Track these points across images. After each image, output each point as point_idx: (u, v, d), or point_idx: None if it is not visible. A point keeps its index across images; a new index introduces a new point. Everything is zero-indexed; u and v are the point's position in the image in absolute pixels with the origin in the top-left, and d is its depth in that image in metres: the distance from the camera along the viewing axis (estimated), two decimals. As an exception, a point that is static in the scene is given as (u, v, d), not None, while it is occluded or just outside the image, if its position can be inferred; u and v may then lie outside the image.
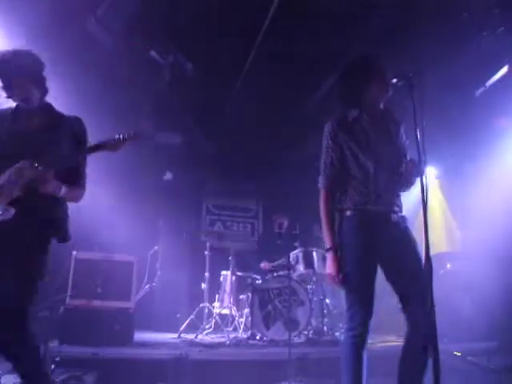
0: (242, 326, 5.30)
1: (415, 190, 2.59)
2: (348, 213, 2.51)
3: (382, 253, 2.45)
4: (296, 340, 4.80)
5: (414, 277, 2.36)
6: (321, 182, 2.61)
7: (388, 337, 5.01)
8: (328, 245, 2.51)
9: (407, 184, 2.55)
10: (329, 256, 2.49)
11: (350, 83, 2.64)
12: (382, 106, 2.63)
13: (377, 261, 2.46)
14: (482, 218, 5.49)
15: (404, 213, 2.59)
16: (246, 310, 5.30)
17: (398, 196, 2.58)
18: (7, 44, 4.59)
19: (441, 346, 2.10)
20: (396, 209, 2.52)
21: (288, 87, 5.82)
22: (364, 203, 2.49)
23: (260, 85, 5.79)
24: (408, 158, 2.59)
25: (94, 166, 5.96)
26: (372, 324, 2.40)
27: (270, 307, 5.04)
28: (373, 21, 4.68)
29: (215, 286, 5.97)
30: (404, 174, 2.48)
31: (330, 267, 2.47)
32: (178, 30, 5.08)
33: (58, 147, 2.42)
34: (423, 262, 2.24)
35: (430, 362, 2.22)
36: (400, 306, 2.43)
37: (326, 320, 5.37)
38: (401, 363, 2.39)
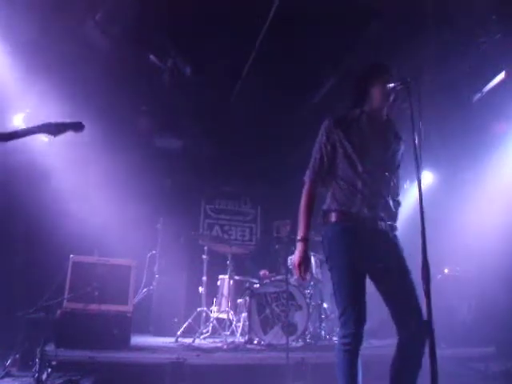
0: (239, 331, 5.29)
1: (412, 195, 2.61)
2: (333, 218, 2.50)
3: (369, 262, 2.42)
4: (294, 344, 4.79)
5: (401, 290, 2.35)
6: (307, 174, 2.64)
7: (383, 341, 5.00)
8: (300, 236, 2.53)
9: None
10: (298, 246, 2.52)
11: (356, 86, 2.68)
12: (385, 114, 2.62)
13: (365, 268, 2.43)
14: (479, 223, 5.50)
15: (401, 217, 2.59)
16: (244, 315, 5.29)
17: (389, 203, 2.52)
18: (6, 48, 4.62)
19: (438, 351, 2.10)
20: (383, 216, 2.47)
21: (288, 90, 5.84)
22: (349, 205, 2.47)
23: (259, 88, 5.81)
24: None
25: (94, 170, 5.97)
26: (367, 328, 2.39)
27: (267, 311, 5.03)
28: (372, 25, 4.71)
29: (213, 290, 5.95)
30: None
31: (296, 257, 2.51)
32: (177, 34, 5.10)
33: None
34: (410, 274, 2.28)
35: (427, 367, 2.23)
36: (391, 317, 2.41)
37: (323, 324, 5.38)
38: (392, 372, 2.37)
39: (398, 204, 2.59)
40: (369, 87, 2.58)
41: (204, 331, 5.45)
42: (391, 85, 2.44)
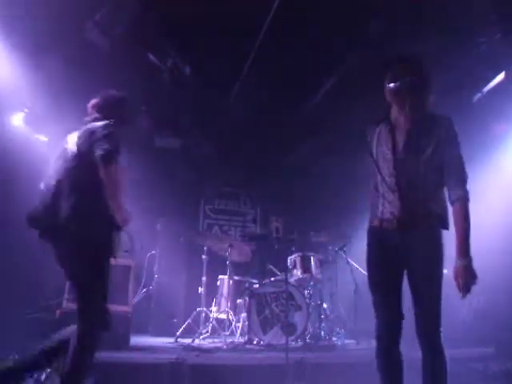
0: (239, 331, 5.29)
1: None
2: (369, 221, 2.58)
3: (398, 262, 2.44)
4: (293, 345, 4.78)
5: (419, 292, 2.36)
6: None
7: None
8: None
9: None
10: None
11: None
12: (410, 115, 2.50)
13: (395, 268, 2.45)
14: (480, 223, 5.49)
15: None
16: (243, 315, 5.29)
17: (416, 203, 2.41)
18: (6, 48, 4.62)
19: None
20: (407, 216, 2.40)
21: (288, 90, 5.84)
22: (375, 208, 2.52)
23: (259, 88, 5.81)
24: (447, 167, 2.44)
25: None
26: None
27: (267, 312, 5.03)
28: (372, 25, 4.71)
29: (212, 291, 5.95)
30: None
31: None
32: (177, 34, 5.10)
33: None
34: (430, 279, 2.30)
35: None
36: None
37: (323, 325, 5.37)
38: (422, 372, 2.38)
39: (429, 201, 2.43)
40: (384, 88, 2.55)
41: (203, 331, 5.44)
42: (391, 85, 2.42)
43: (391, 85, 2.42)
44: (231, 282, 5.72)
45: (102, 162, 2.59)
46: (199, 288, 5.84)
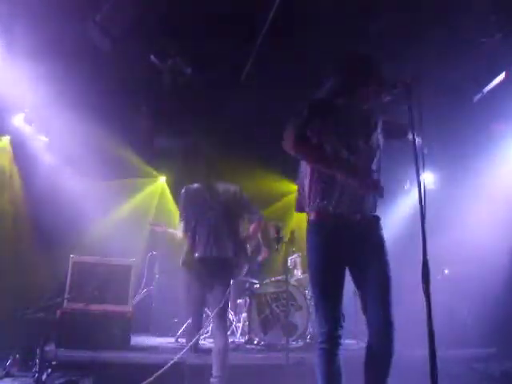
0: (239, 331, 5.30)
1: (413, 194, 2.60)
2: (312, 216, 2.42)
3: (346, 257, 2.39)
4: (293, 345, 4.79)
5: (373, 283, 2.35)
6: None
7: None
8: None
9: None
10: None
11: (351, 73, 2.67)
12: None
13: (341, 267, 2.40)
14: (480, 223, 5.50)
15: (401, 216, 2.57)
16: (244, 315, 5.29)
17: (367, 196, 2.38)
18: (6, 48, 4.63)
19: (438, 352, 2.10)
20: (361, 208, 2.36)
21: (288, 90, 5.83)
22: (326, 201, 2.36)
23: (259, 88, 5.80)
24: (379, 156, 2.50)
25: (95, 171, 5.93)
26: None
27: (267, 312, 5.03)
28: (372, 25, 4.71)
29: (213, 291, 5.94)
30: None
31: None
32: (177, 33, 5.10)
33: None
34: (386, 267, 2.31)
35: (427, 367, 2.22)
36: (362, 309, 2.41)
37: (323, 325, 5.37)
38: (365, 368, 2.35)
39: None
40: (358, 85, 2.56)
41: (204, 331, 5.44)
42: (394, 90, 2.41)
43: (394, 90, 2.41)
44: (231, 281, 5.71)
45: (257, 225, 3.77)
46: (199, 288, 5.84)
